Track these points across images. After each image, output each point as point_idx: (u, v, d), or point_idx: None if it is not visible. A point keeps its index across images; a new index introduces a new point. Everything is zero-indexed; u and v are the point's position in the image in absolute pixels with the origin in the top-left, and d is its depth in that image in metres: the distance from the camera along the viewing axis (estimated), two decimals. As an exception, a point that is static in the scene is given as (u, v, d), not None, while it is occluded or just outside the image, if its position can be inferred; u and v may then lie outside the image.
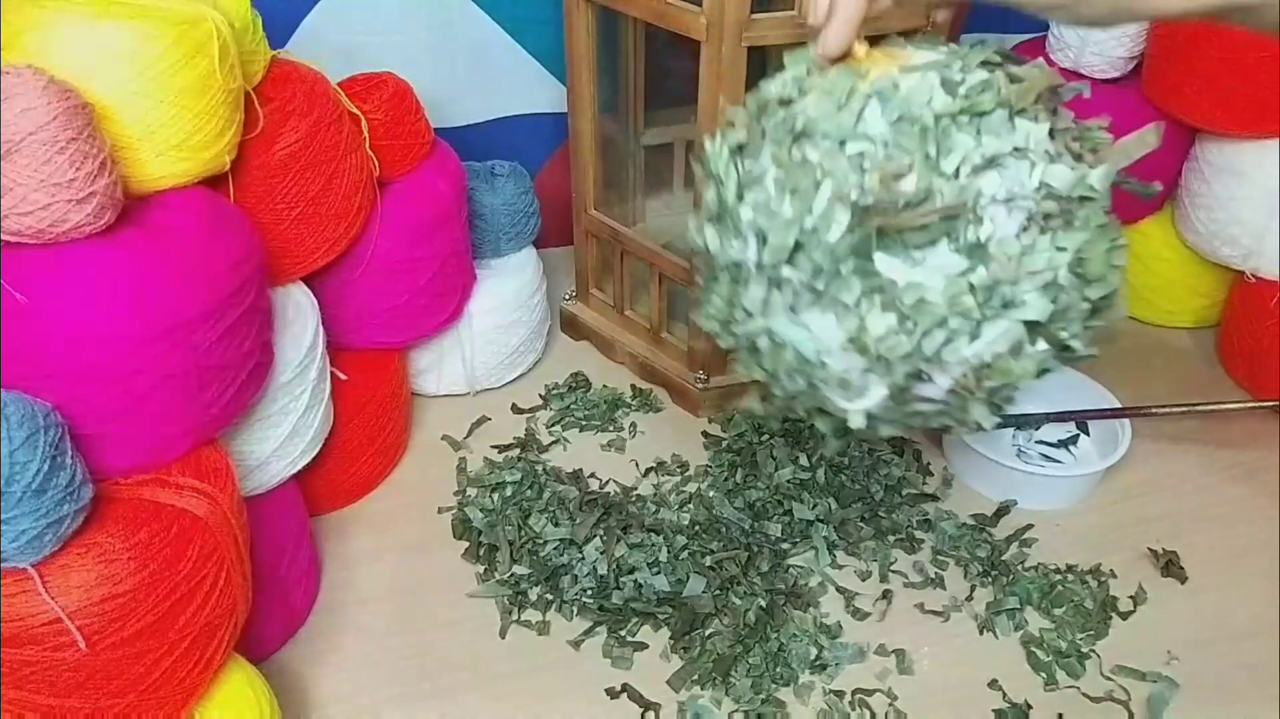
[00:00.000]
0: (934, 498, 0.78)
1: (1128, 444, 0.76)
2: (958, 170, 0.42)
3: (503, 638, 0.68)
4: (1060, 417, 0.79)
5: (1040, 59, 0.49)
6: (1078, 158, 0.45)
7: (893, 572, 0.72)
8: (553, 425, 0.85)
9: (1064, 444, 0.79)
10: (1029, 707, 0.63)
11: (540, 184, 0.90)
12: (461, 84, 0.92)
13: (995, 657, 0.66)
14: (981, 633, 0.68)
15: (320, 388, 0.68)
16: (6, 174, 0.46)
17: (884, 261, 0.42)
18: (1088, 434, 0.80)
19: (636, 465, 0.81)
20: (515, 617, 0.69)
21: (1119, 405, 0.80)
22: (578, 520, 0.73)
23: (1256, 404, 0.79)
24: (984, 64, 0.45)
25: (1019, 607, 0.69)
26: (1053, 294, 0.44)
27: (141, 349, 0.50)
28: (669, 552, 0.71)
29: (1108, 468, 0.76)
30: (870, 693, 0.64)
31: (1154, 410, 0.79)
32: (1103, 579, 0.71)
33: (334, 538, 0.75)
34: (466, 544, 0.74)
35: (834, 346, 0.45)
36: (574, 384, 0.89)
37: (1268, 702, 0.64)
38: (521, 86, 0.95)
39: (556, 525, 0.73)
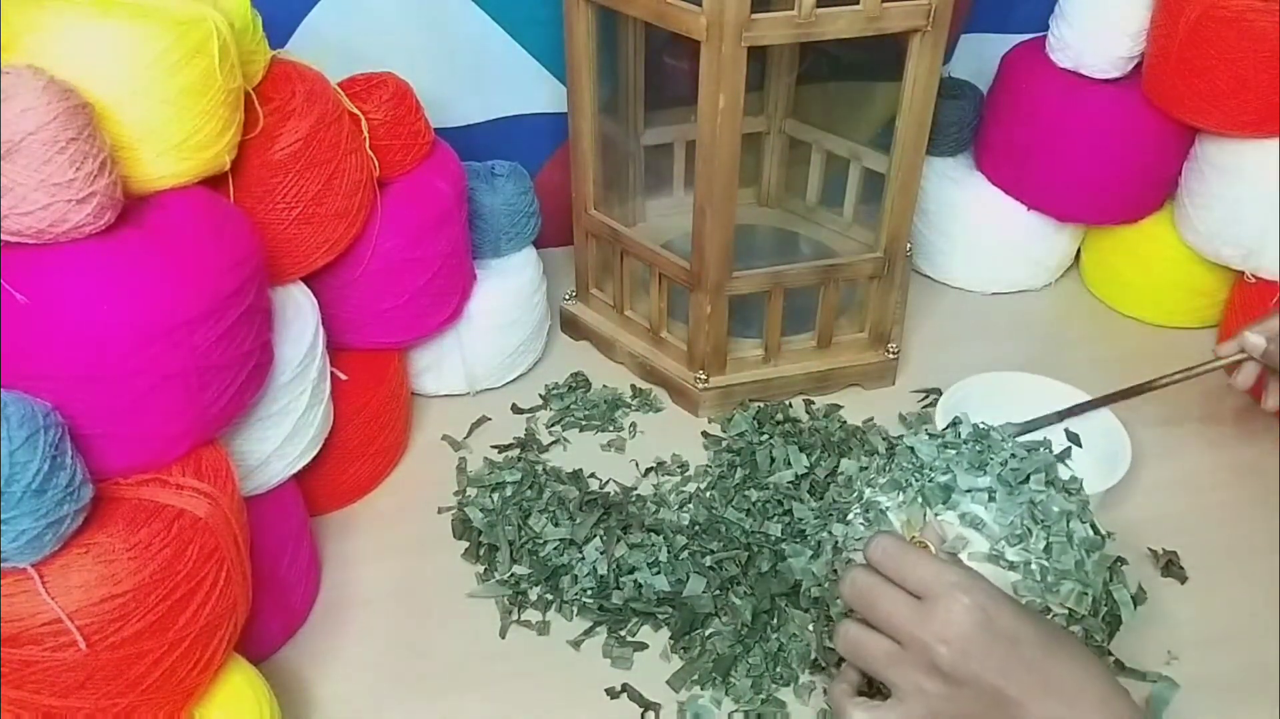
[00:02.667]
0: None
1: (1128, 465, 0.75)
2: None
3: (503, 638, 0.68)
4: (1073, 411, 0.77)
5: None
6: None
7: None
8: (553, 425, 0.85)
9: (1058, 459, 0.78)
10: (1029, 707, 0.63)
11: (540, 184, 0.90)
12: (461, 84, 0.92)
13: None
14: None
15: (320, 388, 0.68)
16: (6, 174, 0.46)
17: None
18: (1079, 445, 0.79)
19: (636, 465, 0.81)
20: (515, 617, 0.69)
21: (1105, 409, 0.79)
22: (578, 520, 0.73)
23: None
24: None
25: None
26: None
27: (141, 349, 0.50)
28: (669, 552, 0.71)
29: (1108, 484, 0.75)
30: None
31: (1157, 383, 0.77)
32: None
33: (334, 538, 0.75)
34: (466, 544, 0.74)
35: None
36: (574, 384, 0.89)
37: (1268, 702, 0.64)
38: (521, 86, 0.95)
39: (556, 525, 0.73)
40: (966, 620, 0.49)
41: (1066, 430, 0.79)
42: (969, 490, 0.60)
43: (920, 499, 0.60)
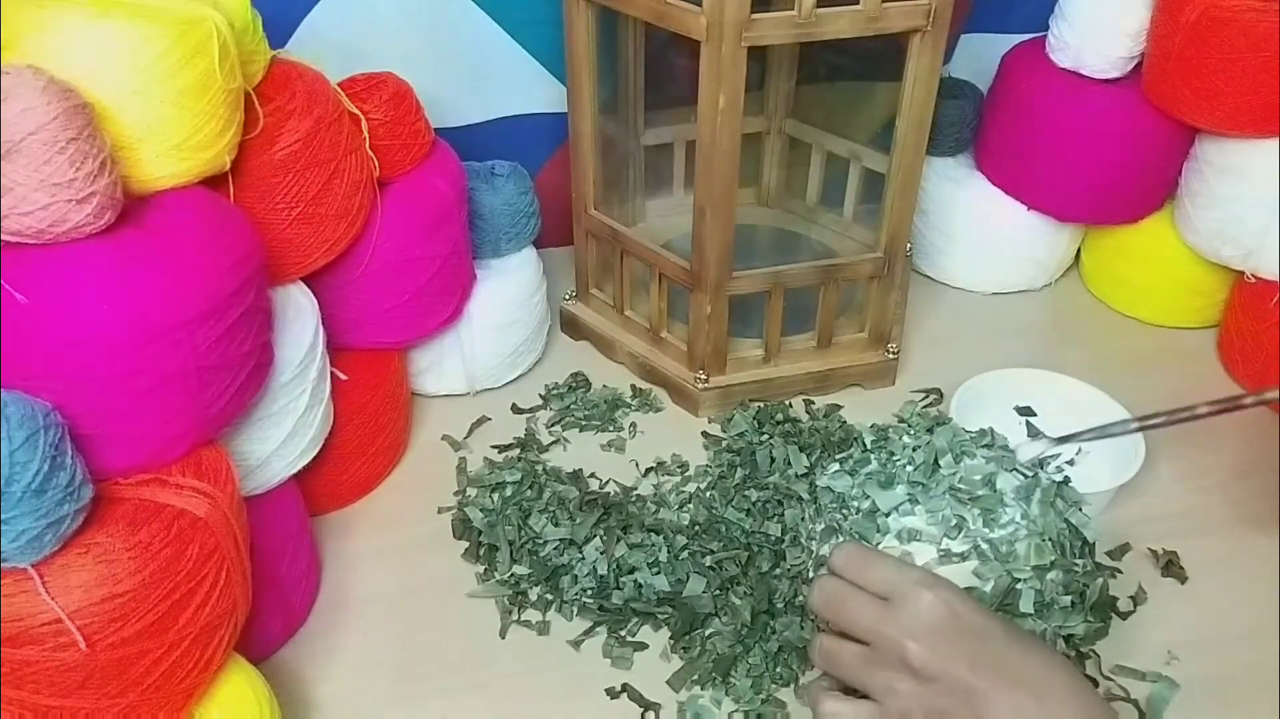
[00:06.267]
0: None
1: (1141, 462, 0.75)
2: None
3: (503, 638, 0.68)
4: (1110, 430, 0.73)
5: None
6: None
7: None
8: (553, 425, 0.85)
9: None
10: (1029, 707, 0.63)
11: (540, 184, 0.90)
12: (461, 84, 0.92)
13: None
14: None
15: (320, 388, 0.68)
16: (6, 174, 0.46)
17: None
18: (1035, 414, 0.78)
19: (636, 465, 0.81)
20: (515, 617, 0.69)
21: (1120, 408, 0.79)
22: (578, 520, 0.73)
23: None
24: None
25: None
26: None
27: (141, 349, 0.50)
28: (669, 552, 0.71)
29: (1121, 480, 0.75)
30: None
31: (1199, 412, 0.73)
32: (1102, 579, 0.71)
33: (334, 538, 0.75)
34: (466, 544, 0.74)
35: None
36: (574, 384, 0.89)
37: (1268, 702, 0.64)
38: (521, 86, 0.95)
39: (556, 525, 0.73)
40: (933, 615, 0.49)
41: (1017, 407, 0.78)
42: (891, 511, 0.60)
43: (856, 535, 0.60)
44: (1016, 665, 0.49)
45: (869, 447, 0.65)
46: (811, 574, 0.63)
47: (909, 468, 0.61)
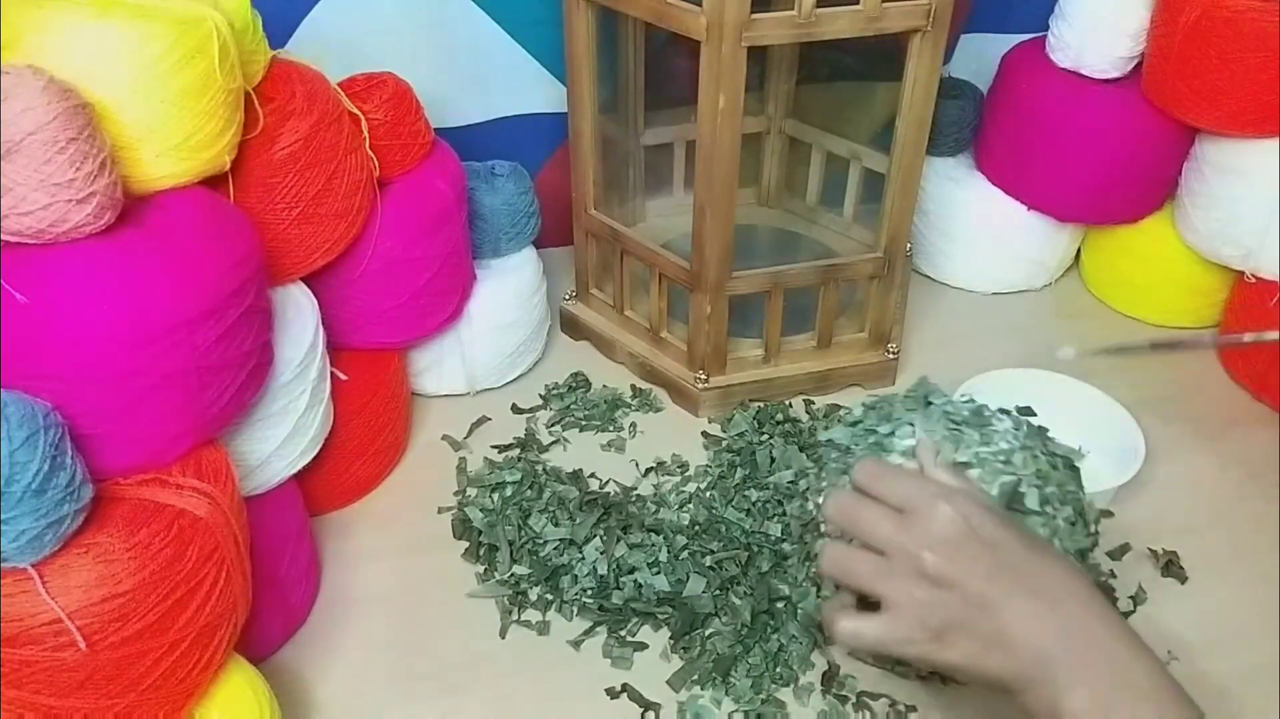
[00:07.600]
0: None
1: (1141, 462, 0.75)
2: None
3: (503, 638, 0.68)
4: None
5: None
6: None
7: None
8: (553, 425, 0.85)
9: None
10: (1029, 707, 0.63)
11: (540, 184, 0.90)
12: (461, 84, 0.92)
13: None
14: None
15: (320, 388, 0.68)
16: (6, 174, 0.46)
17: None
18: (1034, 414, 0.78)
19: (636, 465, 0.81)
20: (515, 617, 0.69)
21: (1120, 408, 0.79)
22: (578, 520, 0.73)
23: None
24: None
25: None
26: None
27: (141, 349, 0.50)
28: (669, 552, 0.71)
29: (1121, 480, 0.75)
30: (875, 696, 0.64)
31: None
32: (1102, 579, 0.71)
33: (334, 538, 0.75)
34: (466, 544, 0.74)
35: None
36: (574, 384, 0.89)
37: (1268, 702, 0.64)
38: (521, 86, 0.95)
39: (556, 525, 0.73)
40: (949, 527, 0.50)
41: (1017, 407, 0.79)
42: (892, 432, 0.61)
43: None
44: (1033, 575, 0.49)
45: (872, 423, 0.65)
46: (823, 527, 0.63)
47: (908, 412, 0.63)
